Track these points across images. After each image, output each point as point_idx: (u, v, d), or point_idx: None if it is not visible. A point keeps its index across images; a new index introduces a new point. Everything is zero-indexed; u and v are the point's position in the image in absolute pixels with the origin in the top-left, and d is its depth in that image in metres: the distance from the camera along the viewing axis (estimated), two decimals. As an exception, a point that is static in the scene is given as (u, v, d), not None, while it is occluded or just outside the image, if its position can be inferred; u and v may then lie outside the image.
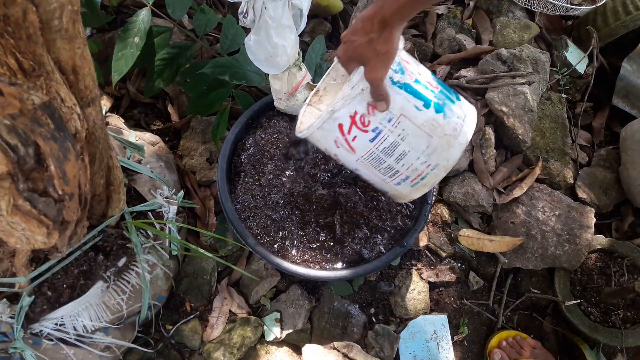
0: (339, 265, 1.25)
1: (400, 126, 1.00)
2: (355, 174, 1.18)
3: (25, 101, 0.63)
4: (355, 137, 1.02)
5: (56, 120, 0.73)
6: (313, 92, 1.23)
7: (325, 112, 0.99)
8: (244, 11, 1.17)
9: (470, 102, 1.14)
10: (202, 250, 1.24)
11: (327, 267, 1.25)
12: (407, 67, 1.02)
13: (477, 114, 1.64)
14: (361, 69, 0.94)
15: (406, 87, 0.99)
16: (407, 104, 0.99)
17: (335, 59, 1.16)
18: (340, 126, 1.01)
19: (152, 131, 1.61)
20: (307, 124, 1.10)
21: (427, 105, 1.00)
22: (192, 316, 1.37)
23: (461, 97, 1.11)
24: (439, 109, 1.02)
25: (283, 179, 1.34)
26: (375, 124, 1.00)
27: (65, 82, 0.82)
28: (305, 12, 1.20)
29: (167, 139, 1.64)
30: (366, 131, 1.01)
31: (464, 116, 1.06)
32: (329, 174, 1.37)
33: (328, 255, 1.26)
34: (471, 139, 1.62)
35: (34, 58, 0.72)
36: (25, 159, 0.73)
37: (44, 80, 0.74)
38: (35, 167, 0.77)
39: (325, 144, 1.08)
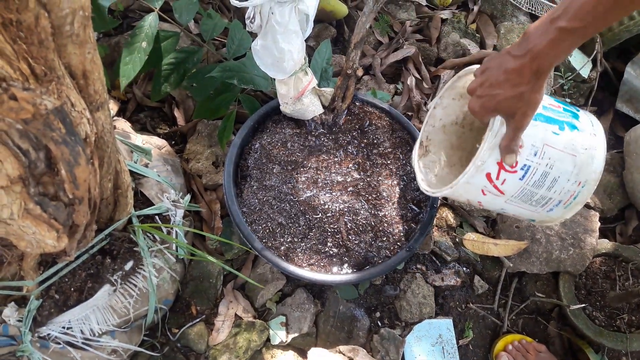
0: (345, 269, 1.26)
1: (546, 156, 0.99)
2: (496, 212, 1.19)
3: (39, 106, 0.64)
4: (504, 180, 1.01)
5: (67, 124, 0.74)
6: (417, 145, 1.24)
7: (471, 166, 0.98)
8: (251, 16, 1.17)
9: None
10: (207, 255, 1.24)
11: (333, 271, 1.25)
12: None
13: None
14: (500, 118, 0.93)
15: (539, 117, 0.99)
16: (546, 133, 0.98)
17: (432, 109, 1.21)
18: (488, 175, 1.00)
19: (158, 135, 1.61)
20: (434, 181, 1.15)
21: (561, 127, 1.00)
22: (198, 320, 1.38)
23: (579, 109, 1.10)
24: (572, 127, 1.01)
25: (289, 183, 1.35)
26: (523, 162, 0.98)
27: (75, 86, 0.83)
28: (312, 18, 1.21)
29: (173, 142, 1.64)
30: (515, 171, 0.99)
31: (592, 124, 1.05)
32: (335, 180, 1.37)
33: (334, 259, 1.27)
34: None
35: (46, 63, 0.72)
36: (36, 163, 0.74)
37: (55, 85, 0.75)
38: (46, 172, 0.77)
39: (468, 195, 1.08)
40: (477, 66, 1.06)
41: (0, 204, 0.73)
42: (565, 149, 1.00)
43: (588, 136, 1.02)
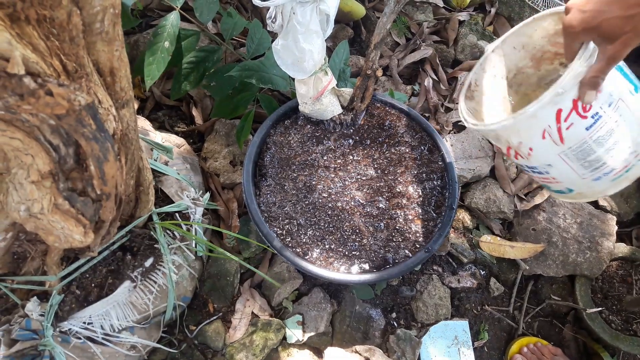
0: (364, 269, 1.26)
1: (619, 111, 0.92)
2: (536, 169, 1.08)
3: (73, 102, 0.65)
4: (571, 124, 0.92)
5: (98, 121, 0.74)
6: (465, 87, 1.17)
7: (548, 94, 0.90)
8: (273, 16, 1.18)
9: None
10: (226, 252, 1.25)
11: (352, 270, 1.26)
12: None
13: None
14: (593, 45, 0.87)
15: (621, 70, 0.94)
16: (624, 88, 0.92)
17: (490, 52, 1.12)
18: (559, 112, 0.92)
19: (176, 133, 1.62)
20: (489, 115, 1.07)
21: (637, 89, 0.94)
22: (215, 317, 1.38)
23: None
24: None
25: (308, 183, 1.35)
26: (596, 109, 0.91)
27: (102, 83, 0.83)
28: (332, 18, 1.21)
29: (191, 141, 1.65)
30: (585, 117, 0.91)
31: None
32: (353, 180, 1.38)
33: (353, 259, 1.27)
34: (493, 145, 1.64)
35: (77, 60, 0.73)
36: (66, 158, 0.75)
37: (85, 81, 0.76)
38: (75, 167, 0.78)
39: (526, 135, 0.99)
40: (559, 8, 1.00)
41: (32, 199, 0.73)
42: (636, 112, 0.93)
43: None
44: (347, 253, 1.27)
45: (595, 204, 1.69)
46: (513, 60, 1.17)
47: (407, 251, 1.28)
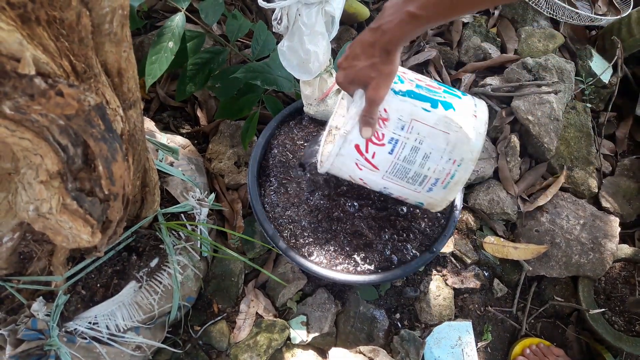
0: (368, 270, 1.26)
1: (415, 130, 1.00)
2: (385, 194, 1.19)
3: (83, 102, 0.65)
4: (374, 153, 1.03)
5: (106, 121, 0.75)
6: (326, 132, 1.25)
7: (338, 137, 1.01)
8: (278, 17, 1.18)
9: (496, 110, 1.14)
10: (232, 252, 1.25)
11: (357, 271, 1.26)
12: (405, 76, 1.06)
13: (502, 122, 1.66)
14: (361, 90, 0.97)
15: (409, 94, 1.01)
16: (414, 109, 1.00)
17: (340, 99, 1.23)
18: (357, 147, 1.02)
19: (181, 134, 1.63)
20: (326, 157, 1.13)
21: (434, 105, 1.02)
22: (219, 318, 1.39)
23: (466, 93, 1.12)
24: (447, 106, 1.02)
25: (312, 183, 1.36)
26: (390, 135, 1.00)
27: (110, 84, 0.84)
28: (338, 19, 1.22)
29: (195, 142, 1.66)
30: (383, 144, 1.01)
31: (475, 106, 1.07)
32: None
33: (357, 260, 1.27)
34: (496, 147, 1.64)
35: (85, 61, 0.74)
36: (75, 159, 0.75)
37: (93, 82, 0.76)
38: (83, 167, 0.79)
39: (347, 170, 1.09)
40: None
41: (40, 198, 0.74)
42: (437, 125, 1.01)
43: (466, 116, 1.03)
44: (351, 254, 1.28)
45: (598, 205, 1.69)
46: None
47: (411, 252, 1.29)
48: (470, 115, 1.04)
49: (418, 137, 1.01)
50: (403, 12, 0.84)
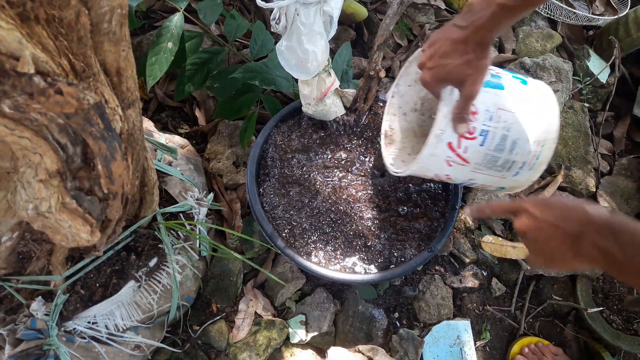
0: (367, 269, 1.27)
1: (502, 119, 1.02)
2: (465, 184, 1.20)
3: (82, 100, 0.65)
4: (466, 148, 1.03)
5: (105, 120, 0.75)
6: (382, 135, 1.28)
7: (432, 137, 1.01)
8: (277, 17, 1.18)
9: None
10: (231, 251, 1.25)
11: (356, 270, 1.26)
12: None
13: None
14: (450, 87, 0.97)
15: (488, 84, 1.02)
16: (496, 98, 1.02)
17: (390, 98, 1.25)
18: (450, 144, 1.02)
19: (179, 134, 1.63)
20: (400, 162, 1.17)
21: (502, 87, 1.04)
22: (218, 317, 1.39)
23: (527, 76, 1.14)
24: (521, 91, 1.05)
25: (311, 183, 1.36)
26: (480, 127, 1.01)
27: (109, 83, 0.84)
28: (336, 19, 1.22)
29: (194, 142, 1.66)
30: (474, 137, 1.02)
31: (540, 86, 1.09)
32: (357, 181, 1.38)
33: (356, 259, 1.27)
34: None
35: (84, 60, 0.74)
36: (74, 157, 0.76)
37: (92, 81, 0.76)
38: (82, 166, 0.79)
39: (435, 168, 1.09)
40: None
41: (40, 197, 0.74)
42: (520, 111, 1.03)
43: (539, 98, 1.06)
44: (350, 253, 1.28)
45: (597, 204, 1.69)
46: (413, 95, 1.29)
47: (410, 251, 1.29)
48: (542, 96, 1.07)
49: (505, 125, 1.02)
50: (494, 5, 0.85)
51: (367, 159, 1.42)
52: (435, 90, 1.00)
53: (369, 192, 1.36)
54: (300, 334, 1.37)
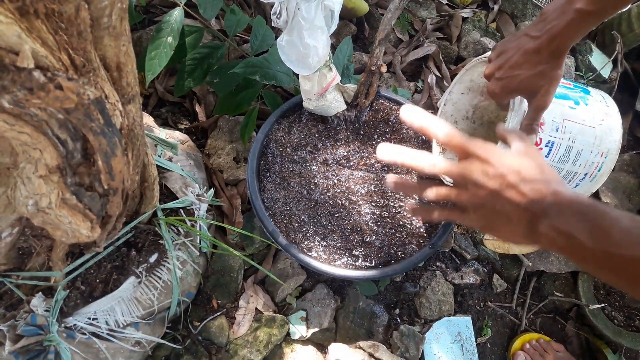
0: (368, 265, 1.26)
1: (567, 130, 1.02)
2: None
3: (82, 96, 0.65)
4: None
5: (106, 115, 0.75)
6: (434, 144, 1.30)
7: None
8: (277, 12, 1.18)
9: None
10: (230, 248, 1.25)
11: (356, 266, 1.26)
12: None
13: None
14: (519, 98, 0.97)
15: (555, 95, 1.02)
16: (563, 109, 1.02)
17: (442, 105, 1.27)
18: None
19: (179, 130, 1.62)
20: None
21: (576, 102, 1.04)
22: (219, 313, 1.38)
23: (589, 86, 1.14)
24: (585, 101, 1.05)
25: (312, 179, 1.35)
26: (547, 138, 1.01)
27: (109, 78, 0.83)
28: (337, 14, 1.21)
29: (194, 138, 1.65)
30: (540, 149, 1.02)
31: (603, 97, 1.10)
32: (358, 176, 1.38)
33: (357, 255, 1.27)
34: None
35: (84, 54, 0.73)
36: (74, 153, 0.75)
37: (92, 76, 0.76)
38: (82, 162, 0.78)
39: None
40: (486, 55, 1.08)
41: (40, 193, 0.74)
42: (584, 121, 1.03)
43: (602, 108, 1.06)
44: (351, 249, 1.27)
45: (598, 200, 1.69)
46: (465, 103, 1.30)
47: (411, 247, 1.28)
48: (604, 107, 1.07)
49: (570, 136, 1.03)
50: (572, 11, 0.82)
51: (368, 155, 1.41)
52: (503, 101, 0.99)
53: (370, 187, 1.35)
54: (300, 330, 1.37)
